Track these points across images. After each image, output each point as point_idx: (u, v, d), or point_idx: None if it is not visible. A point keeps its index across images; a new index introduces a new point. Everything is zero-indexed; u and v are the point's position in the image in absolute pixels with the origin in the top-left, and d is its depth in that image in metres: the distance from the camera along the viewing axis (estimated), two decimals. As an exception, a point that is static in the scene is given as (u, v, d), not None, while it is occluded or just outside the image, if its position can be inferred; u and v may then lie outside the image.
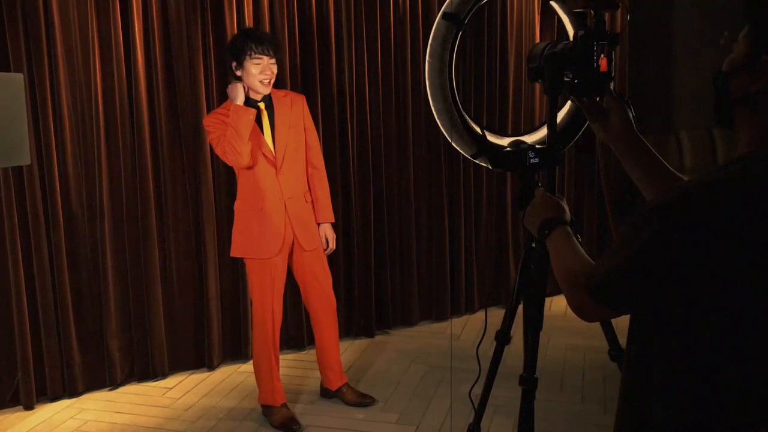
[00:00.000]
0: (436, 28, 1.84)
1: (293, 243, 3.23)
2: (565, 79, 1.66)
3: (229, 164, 3.14)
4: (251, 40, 3.07)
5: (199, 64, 3.72)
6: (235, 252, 3.25)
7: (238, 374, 3.88)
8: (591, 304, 1.18)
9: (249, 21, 3.81)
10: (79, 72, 3.50)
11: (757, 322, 1.01)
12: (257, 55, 3.05)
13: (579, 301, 1.21)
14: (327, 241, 3.33)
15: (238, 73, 3.09)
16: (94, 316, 3.67)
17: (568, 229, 1.46)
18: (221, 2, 3.74)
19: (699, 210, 1.01)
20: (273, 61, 3.10)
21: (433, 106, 1.92)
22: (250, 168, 3.12)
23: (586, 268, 1.23)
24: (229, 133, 3.01)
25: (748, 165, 1.03)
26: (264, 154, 3.13)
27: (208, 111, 3.77)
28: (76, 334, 3.60)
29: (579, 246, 1.38)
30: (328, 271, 3.36)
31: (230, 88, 3.09)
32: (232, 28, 3.75)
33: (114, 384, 3.72)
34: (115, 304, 3.67)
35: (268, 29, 3.86)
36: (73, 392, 3.61)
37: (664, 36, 5.70)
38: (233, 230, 3.25)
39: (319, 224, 3.30)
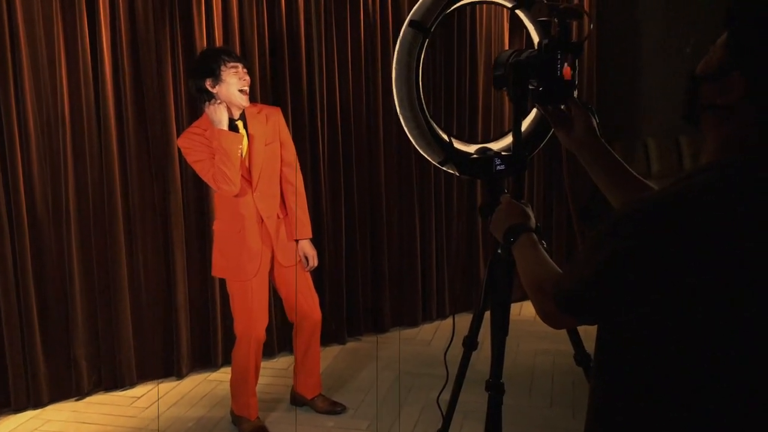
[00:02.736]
0: (402, 35, 1.85)
1: (273, 260, 3.20)
2: (530, 86, 1.68)
3: (219, 191, 3.04)
4: (221, 52, 3.03)
5: (167, 70, 3.69)
6: (215, 272, 3.23)
7: (207, 383, 3.84)
8: (557, 312, 1.18)
9: (218, 29, 3.79)
10: (44, 75, 3.44)
11: (724, 333, 1.01)
12: (233, 63, 3.00)
13: (546, 310, 1.21)
14: (307, 258, 3.26)
15: (215, 89, 2.99)
16: (59, 324, 3.61)
17: (534, 236, 1.46)
18: (190, 11, 3.71)
19: (664, 221, 1.01)
20: (245, 70, 3.06)
21: (401, 113, 1.93)
22: (237, 195, 3.05)
23: (553, 277, 1.23)
24: (218, 160, 2.92)
25: (713, 176, 1.03)
26: (242, 175, 3.05)
27: (176, 116, 3.74)
28: (41, 343, 3.53)
29: (545, 253, 1.39)
30: (312, 287, 3.32)
31: (211, 110, 2.96)
32: (201, 36, 3.73)
33: (80, 394, 3.66)
34: (81, 312, 3.62)
35: (237, 39, 3.85)
36: (37, 403, 3.54)
37: (630, 44, 5.79)
38: (213, 250, 3.21)
39: (297, 241, 3.25)
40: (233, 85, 2.99)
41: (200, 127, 3.04)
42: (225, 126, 2.96)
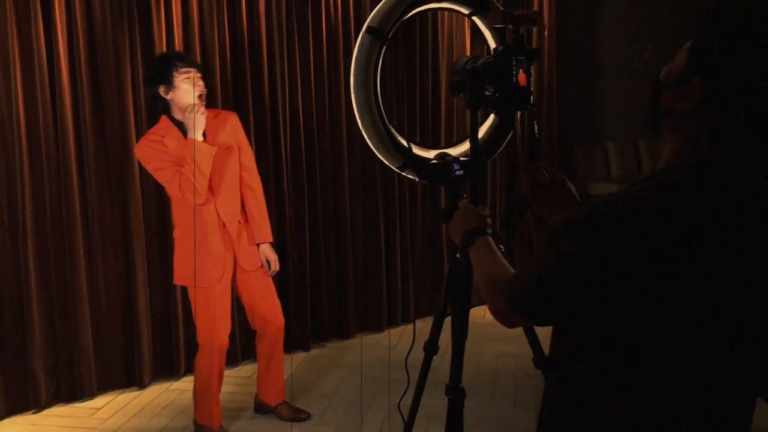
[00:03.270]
0: (360, 42, 1.86)
1: (235, 266, 3.17)
2: (486, 93, 1.69)
3: (183, 200, 2.98)
4: (173, 58, 3.01)
5: (126, 75, 3.64)
6: (177, 280, 3.17)
7: (169, 392, 3.79)
8: (511, 311, 1.19)
9: (178, 34, 3.75)
10: (-2, 84, 3.37)
11: (670, 334, 1.03)
12: (185, 68, 2.97)
13: (499, 308, 1.22)
14: (268, 263, 3.24)
15: (169, 96, 2.96)
16: (16, 335, 3.52)
17: (490, 239, 1.48)
18: (149, 15, 3.67)
19: (614, 223, 1.03)
20: (200, 75, 3.03)
21: (359, 119, 1.93)
22: (202, 204, 3.01)
23: (507, 276, 1.25)
24: (188, 170, 2.88)
25: (664, 180, 1.06)
26: None
27: (136, 121, 3.70)
28: (-4, 356, 3.45)
29: (500, 255, 1.41)
30: (274, 293, 3.29)
31: (190, 118, 2.89)
32: (160, 40, 3.69)
33: (38, 407, 3.57)
34: (39, 323, 3.54)
35: (198, 45, 3.81)
36: (-7, 417, 3.46)
37: (590, 50, 5.88)
38: (174, 258, 3.15)
39: (258, 245, 3.22)
40: (186, 91, 2.96)
41: (157, 133, 3.00)
42: (200, 135, 2.93)
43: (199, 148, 2.89)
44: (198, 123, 2.91)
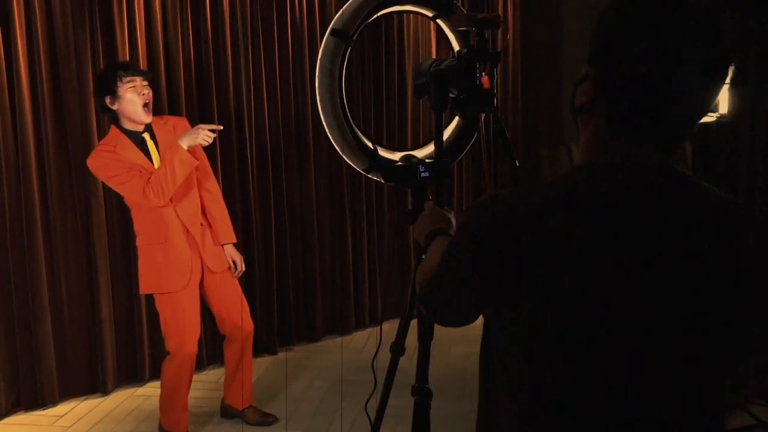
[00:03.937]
0: (324, 44, 1.86)
1: (202, 270, 3.14)
2: (450, 95, 1.71)
3: (143, 203, 2.93)
4: (117, 68, 2.97)
5: (88, 82, 3.56)
6: (144, 289, 3.11)
7: (134, 398, 3.73)
8: (423, 307, 1.21)
9: (141, 40, 3.70)
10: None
11: (554, 332, 1.00)
12: (129, 77, 2.93)
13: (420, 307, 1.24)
14: (235, 264, 3.23)
15: (115, 106, 2.94)
16: (-26, 343, 3.44)
17: (448, 239, 1.50)
18: (111, 22, 3.62)
19: (490, 217, 1.03)
20: (146, 83, 2.98)
21: (325, 121, 1.93)
22: (162, 206, 2.98)
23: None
24: (161, 172, 2.85)
25: (556, 180, 1.07)
26: None
27: (98, 128, 3.64)
28: (-46, 364, 3.37)
29: None
30: (242, 296, 3.27)
31: (195, 131, 2.89)
32: (123, 48, 3.63)
33: (-2, 415, 3.50)
34: (-2, 330, 3.47)
35: (161, 50, 3.77)
36: (-49, 426, 3.38)
37: (554, 53, 5.95)
38: (139, 267, 3.10)
39: (222, 246, 3.21)
40: (131, 101, 2.93)
41: (109, 144, 2.97)
42: (186, 147, 2.89)
43: (181, 156, 2.87)
44: (196, 140, 2.88)
